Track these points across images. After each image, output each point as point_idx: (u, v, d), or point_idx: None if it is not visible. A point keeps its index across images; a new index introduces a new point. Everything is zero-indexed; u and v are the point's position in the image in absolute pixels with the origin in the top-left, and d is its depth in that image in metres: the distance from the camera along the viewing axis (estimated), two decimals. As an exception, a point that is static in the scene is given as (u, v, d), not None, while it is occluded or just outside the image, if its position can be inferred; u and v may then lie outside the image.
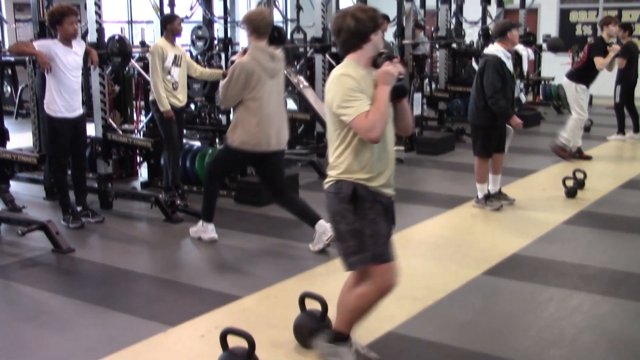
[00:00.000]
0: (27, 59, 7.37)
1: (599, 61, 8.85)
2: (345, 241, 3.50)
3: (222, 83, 5.70)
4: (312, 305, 3.98)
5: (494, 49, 6.73)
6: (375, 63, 3.44)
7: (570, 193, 7.34)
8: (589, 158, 9.26)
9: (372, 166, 3.46)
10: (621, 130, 10.73)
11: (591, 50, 9.04)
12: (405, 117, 3.62)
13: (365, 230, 3.43)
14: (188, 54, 7.61)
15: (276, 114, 5.66)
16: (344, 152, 3.47)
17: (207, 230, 5.94)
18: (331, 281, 4.77)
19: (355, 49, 3.46)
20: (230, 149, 5.70)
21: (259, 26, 5.56)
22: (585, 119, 9.20)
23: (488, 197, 6.97)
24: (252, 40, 5.60)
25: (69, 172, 6.59)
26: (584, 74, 9.07)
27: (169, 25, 7.01)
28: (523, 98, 6.93)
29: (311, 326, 3.88)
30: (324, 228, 5.51)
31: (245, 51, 5.67)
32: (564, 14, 17.74)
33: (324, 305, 3.89)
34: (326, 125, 3.64)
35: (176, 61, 6.96)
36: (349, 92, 3.34)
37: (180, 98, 7.04)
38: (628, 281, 5.09)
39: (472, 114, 6.93)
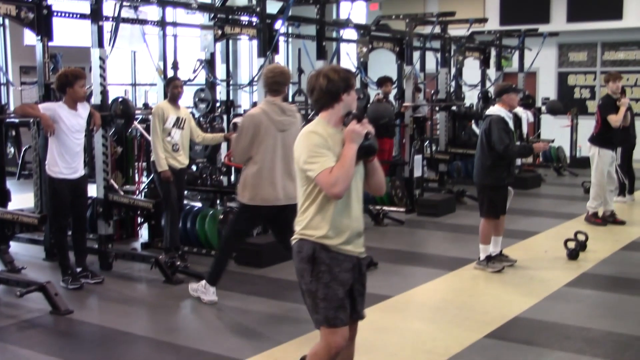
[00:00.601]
0: (31, 120, 7.44)
1: (612, 119, 8.75)
2: (304, 299, 3.60)
3: (234, 138, 5.80)
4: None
5: (496, 109, 6.83)
6: (344, 122, 3.52)
7: (572, 255, 7.31)
8: (622, 223, 9.10)
9: (334, 222, 3.49)
10: (622, 192, 10.74)
11: (602, 110, 8.91)
12: (376, 176, 3.66)
13: (319, 293, 3.49)
14: (193, 118, 7.66)
15: (282, 167, 5.60)
16: (309, 208, 3.52)
17: (208, 292, 5.90)
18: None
19: (327, 107, 3.55)
20: (242, 206, 5.75)
21: (272, 82, 5.62)
22: (604, 183, 8.97)
23: (489, 258, 6.95)
24: (266, 95, 5.71)
25: (69, 233, 6.58)
26: (605, 136, 8.90)
27: (168, 88, 7.13)
28: (518, 161, 6.93)
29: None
30: None
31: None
32: (562, 77, 17.98)
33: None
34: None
35: (178, 123, 7.02)
36: (315, 148, 3.42)
37: (181, 160, 7.09)
38: (634, 345, 5.02)
39: (478, 175, 6.95)
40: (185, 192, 9.13)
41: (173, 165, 6.97)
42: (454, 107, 12.47)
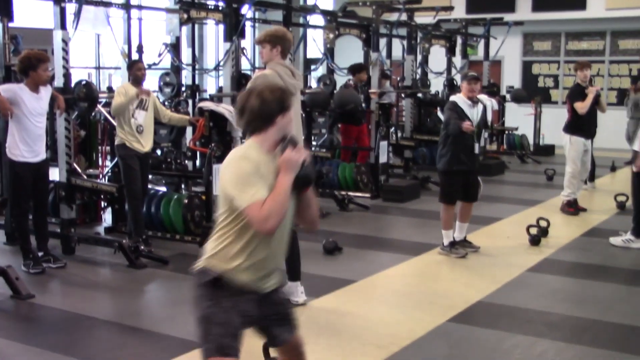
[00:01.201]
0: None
1: (578, 106, 8.80)
2: (198, 330, 3.14)
3: (240, 95, 5.40)
4: (274, 354, 3.93)
5: (456, 96, 7.04)
6: (279, 148, 3.13)
7: (534, 241, 7.41)
8: (584, 210, 9.20)
9: (251, 258, 3.11)
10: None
11: (570, 98, 9.02)
12: (310, 209, 3.28)
13: (215, 318, 3.08)
14: (158, 99, 7.62)
15: (298, 135, 5.18)
16: (225, 235, 3.12)
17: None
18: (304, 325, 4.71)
19: (259, 131, 3.16)
20: None
21: (286, 45, 5.25)
22: (576, 171, 9.07)
23: (453, 244, 7.02)
24: (275, 58, 5.22)
25: (30, 217, 6.50)
26: (576, 124, 9.00)
27: (131, 71, 7.10)
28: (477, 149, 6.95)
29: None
30: (293, 291, 5.41)
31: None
32: (526, 66, 18.17)
33: (289, 352, 3.83)
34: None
35: (142, 105, 6.98)
36: (246, 176, 3.02)
37: (144, 143, 7.02)
38: (592, 328, 5.12)
39: (436, 160, 7.15)
40: (150, 176, 9.08)
41: (137, 149, 6.92)
42: (419, 94, 12.53)
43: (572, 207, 9.11)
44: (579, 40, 17.68)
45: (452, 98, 7.03)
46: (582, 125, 9.00)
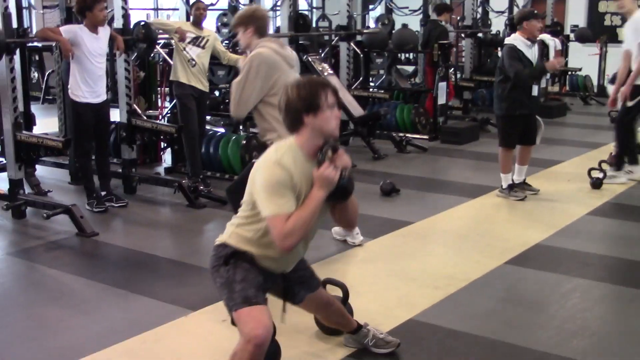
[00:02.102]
0: (53, 45, 7.43)
1: None
2: (220, 295, 3.14)
3: (234, 83, 4.61)
4: (334, 291, 3.97)
5: (512, 37, 6.75)
6: (317, 158, 2.96)
7: (596, 184, 7.25)
8: None
9: (269, 256, 3.11)
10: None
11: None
12: (347, 214, 3.19)
13: (236, 277, 3.04)
14: (218, 40, 7.62)
15: None
16: (244, 227, 3.11)
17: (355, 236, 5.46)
18: (351, 269, 4.77)
19: (294, 131, 3.02)
20: None
21: (264, 26, 4.66)
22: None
23: (512, 187, 6.92)
24: (252, 39, 4.58)
25: (93, 157, 6.64)
26: None
27: (191, 11, 7.16)
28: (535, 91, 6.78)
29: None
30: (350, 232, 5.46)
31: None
32: (592, 4, 17.52)
33: (345, 291, 3.87)
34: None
35: (197, 41, 7.02)
36: (276, 186, 2.88)
37: (197, 79, 7.05)
38: (653, 273, 5.03)
39: (495, 105, 6.95)
40: (209, 117, 9.16)
41: (194, 85, 7.02)
42: (480, 34, 12.25)
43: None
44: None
45: (509, 41, 6.74)
46: None
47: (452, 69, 11.84)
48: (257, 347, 2.88)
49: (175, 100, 7.40)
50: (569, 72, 14.57)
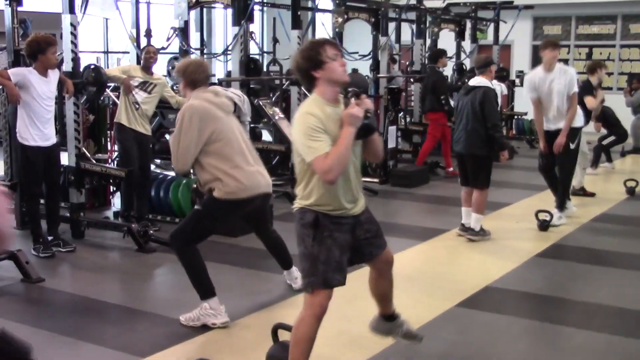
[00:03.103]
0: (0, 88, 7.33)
1: (589, 101, 8.78)
2: (302, 263, 3.61)
3: (170, 138, 4.72)
4: (285, 336, 3.94)
5: (484, 80, 6.91)
6: (344, 102, 3.48)
7: (543, 226, 7.39)
8: (592, 195, 9.19)
9: (335, 198, 3.54)
10: (594, 163, 10.90)
11: (581, 92, 8.84)
12: (374, 148, 3.69)
13: (320, 256, 3.52)
14: (167, 84, 7.65)
15: (250, 154, 4.82)
16: (308, 185, 3.55)
17: (218, 312, 4.74)
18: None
19: (311, 86, 3.55)
20: (216, 201, 4.67)
21: (197, 79, 4.75)
22: (585, 156, 9.00)
23: (466, 229, 7.01)
24: (188, 92, 4.76)
25: (42, 201, 6.53)
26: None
27: (141, 54, 7.23)
28: None
29: (284, 357, 3.84)
30: (293, 277, 5.41)
31: None
32: (536, 51, 18.00)
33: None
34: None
35: (144, 86, 7.09)
36: (311, 131, 3.37)
37: (141, 125, 7.13)
38: (601, 313, 5.11)
39: (474, 146, 6.86)
40: (159, 160, 9.11)
41: (135, 128, 7.08)
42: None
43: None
44: (590, 24, 17.55)
45: (486, 84, 6.88)
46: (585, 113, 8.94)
47: (402, 113, 12.01)
48: (322, 315, 3.58)
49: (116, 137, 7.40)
50: (515, 117, 14.90)
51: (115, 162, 8.13)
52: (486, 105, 6.76)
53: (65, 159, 7.04)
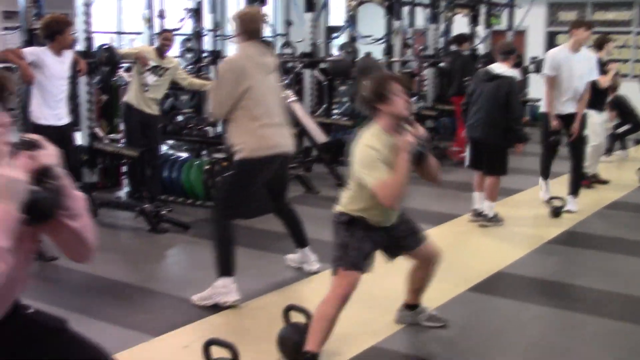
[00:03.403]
0: (14, 67, 7.34)
1: (601, 79, 8.67)
2: (335, 253, 3.86)
3: (210, 88, 5.02)
4: (297, 318, 3.96)
5: (509, 69, 6.82)
6: (397, 131, 3.71)
7: (555, 213, 7.36)
8: (605, 182, 9.16)
9: (381, 213, 3.84)
10: (608, 151, 10.83)
11: None
12: (429, 172, 3.97)
13: (352, 244, 3.80)
14: (179, 64, 7.65)
15: (278, 115, 4.94)
16: (356, 193, 3.82)
17: (230, 290, 4.77)
18: (316, 294, 4.74)
19: (374, 114, 3.80)
20: (242, 161, 4.83)
21: (252, 29, 4.84)
22: (601, 145, 8.98)
23: (479, 215, 7.00)
24: (241, 41, 4.88)
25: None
26: (592, 99, 8.59)
27: (158, 39, 7.21)
28: None
29: (295, 339, 3.85)
30: (307, 257, 5.42)
31: None
32: (551, 37, 17.90)
33: (309, 318, 3.87)
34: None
35: (156, 70, 7.10)
36: (372, 162, 3.66)
37: (149, 106, 7.14)
38: (613, 301, 5.10)
39: (495, 135, 6.78)
40: (171, 141, 9.11)
41: (142, 110, 7.12)
42: (442, 64, 12.40)
43: (587, 180, 9.02)
44: (606, 10, 17.38)
45: (510, 73, 6.79)
46: (601, 99, 8.83)
47: (415, 97, 11.96)
48: (348, 296, 3.79)
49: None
50: (529, 103, 14.81)
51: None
52: (512, 96, 6.67)
53: (78, 138, 7.06)
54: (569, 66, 7.32)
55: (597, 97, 8.67)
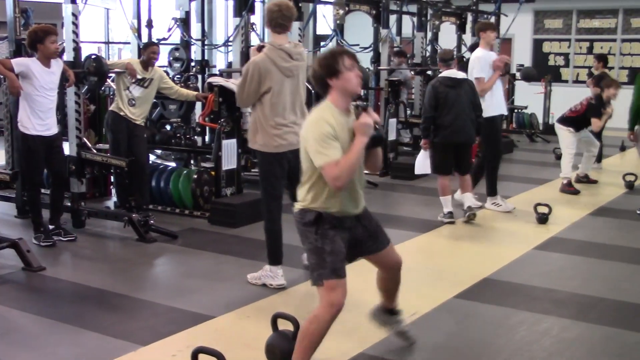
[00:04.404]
0: (1, 77, 7.34)
1: (595, 124, 9.02)
2: (309, 259, 3.70)
3: (236, 86, 5.50)
4: (285, 325, 3.98)
5: (462, 73, 7.56)
6: (355, 113, 3.57)
7: (542, 219, 7.42)
8: (594, 182, 9.65)
9: (339, 202, 3.64)
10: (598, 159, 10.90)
11: (589, 110, 9.04)
12: (376, 160, 3.78)
13: (326, 247, 3.61)
14: (166, 74, 7.68)
15: (293, 114, 5.32)
16: (312, 188, 3.64)
17: (275, 275, 5.38)
18: (304, 302, 4.78)
19: (325, 93, 3.63)
20: (260, 155, 5.38)
21: (280, 16, 5.21)
22: (572, 154, 9.09)
23: (472, 209, 7.45)
24: (270, 34, 5.34)
25: (45, 190, 6.55)
26: (575, 124, 9.12)
27: (144, 52, 7.23)
28: None
29: (283, 346, 3.87)
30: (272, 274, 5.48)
31: (260, 48, 5.36)
32: (537, 44, 18.06)
33: (296, 325, 3.89)
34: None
35: (141, 82, 7.11)
36: (324, 137, 3.46)
37: (136, 115, 7.18)
38: (598, 306, 5.15)
39: (472, 135, 7.40)
40: (159, 151, 9.13)
41: (127, 117, 7.13)
42: (429, 72, 12.47)
43: (572, 187, 9.12)
44: (591, 18, 17.54)
45: (464, 75, 7.42)
46: (582, 126, 9.20)
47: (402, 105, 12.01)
48: (337, 311, 3.58)
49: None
50: (516, 110, 14.92)
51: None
52: (476, 95, 7.38)
53: (66, 148, 7.07)
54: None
55: (581, 125, 9.00)
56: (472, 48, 11.18)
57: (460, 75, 7.34)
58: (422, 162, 7.72)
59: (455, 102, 7.18)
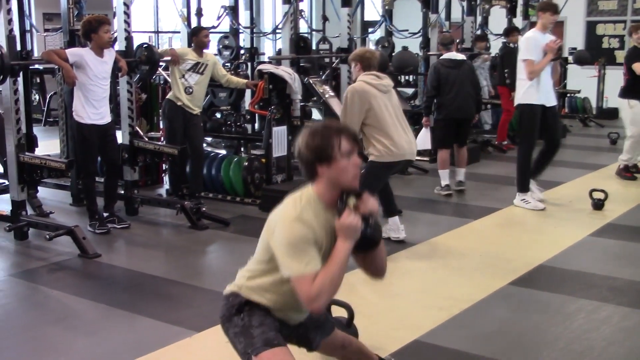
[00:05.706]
0: (56, 67, 7.45)
1: (637, 67, 8.45)
2: (237, 346, 2.92)
3: (340, 113, 5.99)
4: (338, 312, 3.96)
5: (459, 55, 8.24)
6: (337, 208, 2.74)
7: (597, 205, 7.26)
8: None
9: (282, 310, 2.94)
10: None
11: (628, 60, 8.65)
12: (377, 263, 2.96)
13: (253, 322, 2.87)
14: (218, 62, 7.71)
15: (399, 125, 5.81)
16: (261, 277, 2.90)
17: (397, 229, 6.12)
18: (353, 290, 4.76)
19: (311, 180, 2.82)
20: (372, 164, 5.78)
21: (370, 64, 5.87)
22: (633, 134, 8.68)
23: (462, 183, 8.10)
24: (358, 73, 5.88)
25: (99, 179, 6.65)
26: (633, 88, 8.60)
27: (195, 38, 7.23)
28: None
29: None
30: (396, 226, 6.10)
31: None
32: (590, 27, 17.64)
33: (350, 312, 3.87)
34: None
35: (196, 68, 7.13)
36: (299, 243, 2.66)
37: (192, 105, 7.21)
38: (657, 294, 5.03)
39: (473, 111, 8.10)
40: (210, 139, 9.19)
41: (184, 106, 7.16)
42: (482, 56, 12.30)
43: (630, 172, 8.88)
44: (647, -2, 17.07)
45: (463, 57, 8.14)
46: (635, 88, 8.62)
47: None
48: None
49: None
50: (568, 94, 14.63)
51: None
52: (475, 75, 8.23)
53: (119, 137, 7.16)
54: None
55: (637, 84, 8.51)
56: (507, 33, 11.05)
57: (460, 57, 8.01)
58: (423, 138, 8.57)
59: (455, 81, 7.82)
